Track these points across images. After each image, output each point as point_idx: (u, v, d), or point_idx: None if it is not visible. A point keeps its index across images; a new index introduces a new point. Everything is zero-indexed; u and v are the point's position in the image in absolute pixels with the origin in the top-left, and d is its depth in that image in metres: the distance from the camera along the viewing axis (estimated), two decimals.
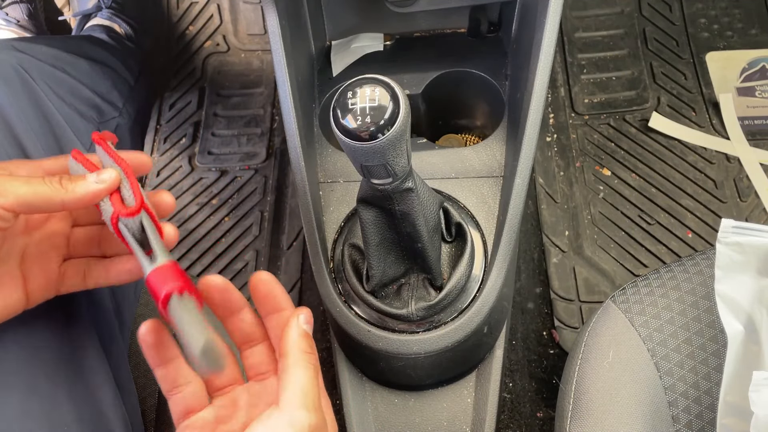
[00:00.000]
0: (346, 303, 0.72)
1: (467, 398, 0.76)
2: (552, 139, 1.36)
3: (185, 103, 1.53)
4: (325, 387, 0.52)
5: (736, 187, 1.27)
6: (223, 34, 1.59)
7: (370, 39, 0.96)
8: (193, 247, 1.33)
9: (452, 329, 0.69)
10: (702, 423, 0.62)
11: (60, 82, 0.83)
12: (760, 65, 1.40)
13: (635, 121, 1.37)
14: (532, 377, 1.13)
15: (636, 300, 0.68)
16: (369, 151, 0.51)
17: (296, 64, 0.81)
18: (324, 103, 0.89)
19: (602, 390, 0.63)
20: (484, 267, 0.73)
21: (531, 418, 1.09)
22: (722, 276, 0.61)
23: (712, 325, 0.65)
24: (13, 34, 1.39)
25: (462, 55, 0.92)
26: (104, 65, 1.02)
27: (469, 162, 0.81)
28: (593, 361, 0.65)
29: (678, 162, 1.31)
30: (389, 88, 0.51)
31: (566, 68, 1.45)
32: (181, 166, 1.44)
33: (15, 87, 0.71)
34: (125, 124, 1.00)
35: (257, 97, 1.51)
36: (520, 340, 1.14)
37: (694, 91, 1.39)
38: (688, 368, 0.64)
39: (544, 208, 1.28)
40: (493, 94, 0.88)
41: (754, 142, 1.31)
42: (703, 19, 1.48)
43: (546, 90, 0.72)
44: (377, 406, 0.77)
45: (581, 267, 1.21)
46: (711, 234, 1.23)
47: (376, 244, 0.66)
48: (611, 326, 0.67)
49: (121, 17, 1.34)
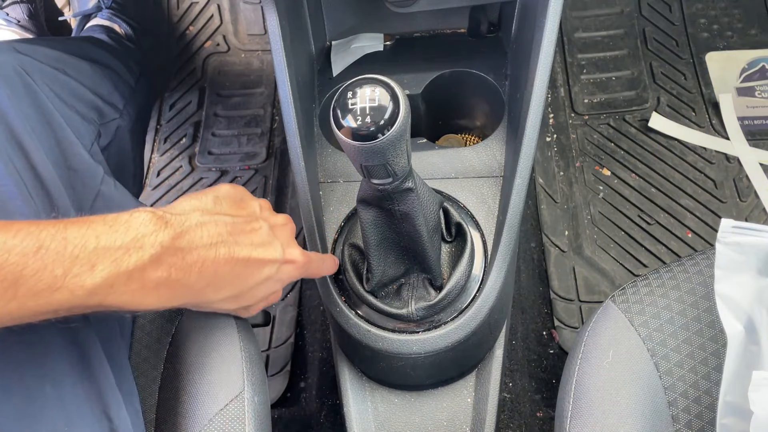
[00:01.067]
0: (346, 303, 0.72)
1: (467, 398, 0.77)
2: (552, 139, 1.36)
3: (185, 103, 1.53)
4: (325, 387, 0.53)
5: (736, 187, 1.27)
6: (223, 34, 1.59)
7: (370, 39, 0.96)
8: None
9: (452, 329, 0.69)
10: (702, 423, 0.62)
11: (61, 84, 0.83)
12: (759, 65, 1.40)
13: (635, 121, 1.37)
14: (532, 377, 1.13)
15: (636, 300, 0.68)
16: (369, 151, 0.51)
17: (296, 64, 0.81)
18: (324, 103, 0.89)
19: (602, 390, 0.63)
20: (484, 267, 0.73)
21: (531, 418, 1.09)
22: (722, 276, 0.61)
23: (712, 325, 0.65)
24: (14, 34, 1.39)
25: (462, 55, 0.92)
26: (105, 67, 1.02)
27: (469, 162, 0.81)
28: (593, 361, 0.65)
29: (678, 162, 1.31)
30: (389, 88, 0.51)
31: (566, 68, 1.45)
32: (181, 166, 1.44)
33: (16, 89, 0.71)
34: (126, 126, 1.00)
35: (257, 97, 1.51)
36: (520, 340, 1.14)
37: (694, 91, 1.39)
38: (687, 368, 0.64)
39: (544, 208, 1.28)
40: (493, 94, 0.88)
41: (754, 142, 1.31)
42: (703, 19, 1.48)
43: (546, 90, 0.72)
44: (377, 406, 0.77)
45: (581, 267, 1.21)
46: (711, 234, 1.23)
47: (376, 244, 0.66)
48: (611, 326, 0.67)
49: (121, 17, 1.34)
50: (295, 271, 0.56)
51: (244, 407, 0.64)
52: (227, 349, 0.69)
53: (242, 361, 0.68)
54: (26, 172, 0.63)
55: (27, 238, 0.41)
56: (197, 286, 0.47)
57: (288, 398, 1.17)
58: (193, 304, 0.49)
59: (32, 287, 0.40)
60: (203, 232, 0.47)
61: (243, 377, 0.65)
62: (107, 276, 0.42)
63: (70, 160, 0.73)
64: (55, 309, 0.42)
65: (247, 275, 0.50)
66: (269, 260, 0.52)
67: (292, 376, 1.18)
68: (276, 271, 0.53)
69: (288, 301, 1.25)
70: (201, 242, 0.47)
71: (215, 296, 0.49)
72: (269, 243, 0.53)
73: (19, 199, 0.60)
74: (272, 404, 1.16)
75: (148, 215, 0.45)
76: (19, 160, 0.63)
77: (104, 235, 0.43)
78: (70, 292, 0.41)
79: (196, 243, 0.46)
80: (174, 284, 0.45)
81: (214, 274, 0.47)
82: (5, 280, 0.39)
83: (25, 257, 0.40)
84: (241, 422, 0.63)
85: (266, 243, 0.52)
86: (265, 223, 0.54)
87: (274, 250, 0.53)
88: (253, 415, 0.64)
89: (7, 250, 0.40)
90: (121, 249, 0.43)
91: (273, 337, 1.22)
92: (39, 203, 0.63)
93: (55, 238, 0.41)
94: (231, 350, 0.68)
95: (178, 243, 0.45)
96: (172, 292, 0.45)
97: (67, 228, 0.42)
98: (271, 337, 1.22)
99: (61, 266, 0.41)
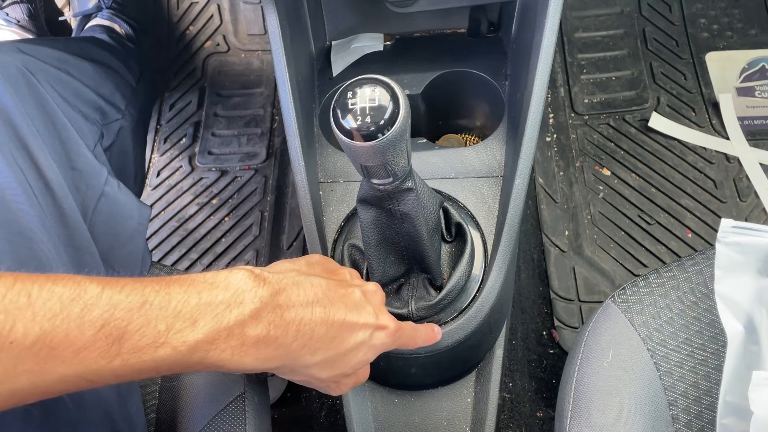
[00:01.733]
0: None
1: (467, 398, 0.77)
2: (552, 139, 1.36)
3: (185, 103, 1.53)
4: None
5: (736, 187, 1.27)
6: (223, 34, 1.59)
7: (370, 39, 0.96)
8: (193, 247, 1.34)
9: (452, 329, 0.69)
10: (702, 423, 0.62)
11: (64, 84, 0.83)
12: (759, 65, 1.40)
13: (635, 121, 1.37)
14: (532, 377, 1.13)
15: (636, 300, 0.68)
16: (369, 151, 0.51)
17: (296, 64, 0.81)
18: (324, 103, 0.89)
19: (602, 390, 0.63)
20: (484, 267, 0.73)
21: (531, 418, 1.10)
22: (722, 276, 0.61)
23: (712, 325, 0.65)
24: (14, 34, 1.39)
25: (462, 55, 0.92)
26: (107, 67, 1.02)
27: (469, 162, 0.81)
28: (593, 360, 0.65)
29: (678, 162, 1.31)
30: (389, 88, 0.51)
31: (566, 68, 1.45)
32: (181, 166, 1.44)
33: (20, 89, 0.71)
34: (128, 126, 1.00)
35: (257, 97, 1.51)
36: (520, 340, 1.14)
37: (694, 91, 1.39)
38: (687, 368, 0.64)
39: (544, 208, 1.28)
40: (493, 94, 0.88)
41: (754, 142, 1.31)
42: (703, 19, 1.48)
43: (546, 90, 0.72)
44: (377, 406, 0.77)
45: (581, 267, 1.21)
46: (711, 234, 1.23)
47: (376, 244, 0.66)
48: (611, 326, 0.67)
49: (122, 18, 1.34)
50: (388, 338, 0.55)
51: (244, 407, 0.64)
52: None
53: None
54: (30, 172, 0.63)
55: (132, 294, 0.40)
56: (294, 345, 0.47)
57: (288, 398, 1.17)
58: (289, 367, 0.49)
59: (136, 343, 0.40)
60: (300, 291, 0.48)
61: (243, 377, 0.65)
62: (208, 331, 0.42)
63: (74, 160, 0.73)
64: (158, 366, 0.41)
65: (342, 338, 0.50)
66: (363, 324, 0.52)
67: None
68: (369, 337, 0.53)
69: None
70: (298, 300, 0.47)
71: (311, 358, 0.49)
72: (362, 307, 0.52)
73: (24, 199, 0.60)
74: (272, 404, 1.16)
75: (247, 273, 0.45)
76: (24, 160, 0.63)
77: (206, 292, 0.43)
78: (173, 348, 0.41)
79: (294, 301, 0.47)
80: (272, 342, 0.45)
81: (310, 334, 0.47)
82: (111, 335, 0.39)
83: (131, 312, 0.40)
84: (241, 422, 0.63)
85: (359, 307, 0.52)
86: (358, 288, 0.54)
87: (367, 314, 0.52)
88: (254, 416, 0.64)
89: (113, 305, 0.39)
90: (222, 304, 0.43)
91: None
92: (43, 203, 0.63)
93: (159, 293, 0.41)
94: None
95: (277, 300, 0.46)
96: (270, 351, 0.45)
97: (170, 285, 0.43)
98: None
99: (164, 322, 0.41)
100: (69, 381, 0.39)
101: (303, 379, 0.52)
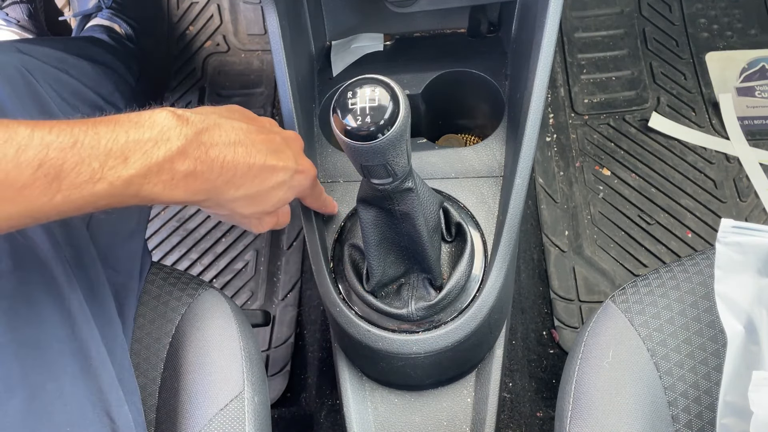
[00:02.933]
0: (346, 303, 0.72)
1: (467, 398, 0.77)
2: (552, 139, 1.36)
3: (185, 103, 1.53)
4: (325, 387, 0.53)
5: (736, 187, 1.27)
6: (223, 34, 1.59)
7: (370, 39, 0.96)
8: (193, 247, 1.34)
9: (452, 329, 0.69)
10: (702, 423, 0.62)
11: (63, 84, 0.83)
12: (759, 65, 1.40)
13: (635, 121, 1.37)
14: (532, 377, 1.13)
15: (636, 300, 0.68)
16: (369, 151, 0.51)
17: (296, 64, 0.81)
18: (324, 103, 0.89)
19: (602, 390, 0.63)
20: (484, 267, 0.73)
21: (531, 417, 1.10)
22: (722, 276, 0.61)
23: (712, 325, 0.65)
24: (14, 34, 1.39)
25: (462, 55, 0.92)
26: (107, 67, 1.02)
27: (469, 162, 0.81)
28: (593, 361, 0.65)
29: (678, 162, 1.31)
30: (389, 88, 0.51)
31: (566, 68, 1.45)
32: None
33: (19, 89, 0.71)
34: None
35: (257, 97, 1.51)
36: (520, 339, 1.14)
37: (694, 91, 1.39)
38: (687, 368, 0.64)
39: (544, 208, 1.28)
40: (493, 94, 0.88)
41: (754, 142, 1.31)
42: (703, 19, 1.48)
43: (546, 90, 0.72)
44: (377, 406, 0.77)
45: (581, 267, 1.21)
46: (711, 234, 1.23)
47: (375, 244, 0.66)
48: (611, 326, 0.67)
49: (122, 17, 1.34)
50: (306, 181, 0.60)
51: (244, 407, 0.64)
52: (227, 349, 0.69)
53: (242, 360, 0.68)
54: None
55: (62, 134, 0.43)
56: (219, 181, 0.50)
57: (288, 398, 1.18)
58: (215, 200, 0.52)
59: (74, 180, 0.42)
60: (221, 132, 0.51)
61: (243, 377, 0.65)
62: (140, 167, 0.45)
63: None
64: (96, 201, 0.44)
65: (263, 178, 0.54)
66: (283, 167, 0.55)
67: (292, 376, 1.18)
68: (290, 178, 0.57)
69: (288, 301, 1.25)
70: (221, 140, 0.50)
71: (235, 193, 0.52)
72: (282, 152, 0.56)
73: None
74: (272, 404, 1.16)
75: (170, 113, 0.48)
76: None
77: (132, 130, 0.46)
78: (110, 183, 0.44)
79: (216, 141, 0.50)
80: (199, 176, 0.48)
81: (233, 172, 0.51)
82: (48, 174, 0.41)
83: (64, 152, 0.42)
84: (241, 422, 0.63)
85: (279, 151, 0.56)
86: (278, 135, 0.57)
87: (287, 158, 0.56)
88: (253, 415, 0.64)
89: (46, 146, 0.42)
90: (150, 142, 0.46)
91: (273, 337, 1.22)
92: None
93: (87, 133, 0.44)
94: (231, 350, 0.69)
95: (200, 138, 0.48)
96: (198, 185, 0.49)
97: (97, 125, 0.45)
98: (271, 337, 1.22)
99: (97, 160, 0.43)
100: (14, 219, 0.42)
101: (227, 213, 0.56)
